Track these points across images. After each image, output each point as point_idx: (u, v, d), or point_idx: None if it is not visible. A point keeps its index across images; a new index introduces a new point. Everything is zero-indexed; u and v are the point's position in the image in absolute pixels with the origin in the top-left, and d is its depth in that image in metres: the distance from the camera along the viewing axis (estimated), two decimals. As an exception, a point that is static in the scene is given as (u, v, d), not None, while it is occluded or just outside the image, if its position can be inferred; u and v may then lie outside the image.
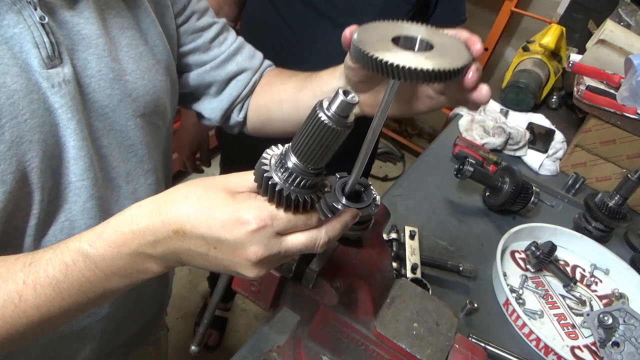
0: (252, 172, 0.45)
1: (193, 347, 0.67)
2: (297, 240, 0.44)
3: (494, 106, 1.56)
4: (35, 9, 0.50)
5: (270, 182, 0.42)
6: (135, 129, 0.65)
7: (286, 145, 0.43)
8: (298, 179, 0.42)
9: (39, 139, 0.52)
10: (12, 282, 0.45)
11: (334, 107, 0.38)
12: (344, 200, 0.56)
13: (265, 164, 0.43)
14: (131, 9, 0.64)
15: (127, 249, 0.44)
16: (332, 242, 0.47)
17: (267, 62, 0.87)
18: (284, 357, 0.68)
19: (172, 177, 0.86)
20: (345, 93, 0.38)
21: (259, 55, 0.86)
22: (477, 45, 0.50)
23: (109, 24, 0.60)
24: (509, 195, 1.13)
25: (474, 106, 0.56)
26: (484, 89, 0.53)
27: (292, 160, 0.41)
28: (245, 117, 0.85)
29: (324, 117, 0.38)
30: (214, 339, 2.03)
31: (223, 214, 0.42)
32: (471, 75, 0.50)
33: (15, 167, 0.51)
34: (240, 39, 0.84)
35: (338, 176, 0.57)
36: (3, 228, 0.53)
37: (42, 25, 0.51)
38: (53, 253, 0.46)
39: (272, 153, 0.44)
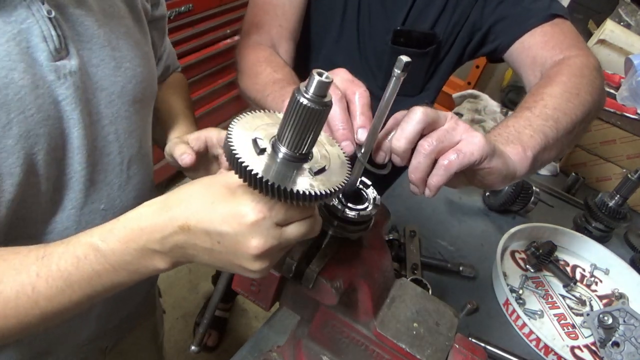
0: None
1: (193, 347, 0.67)
2: (296, 230, 0.45)
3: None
4: (43, 4, 0.52)
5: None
6: (136, 115, 0.68)
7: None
8: None
9: (45, 132, 0.54)
10: (25, 274, 0.47)
11: (311, 89, 0.39)
12: (343, 200, 0.56)
13: None
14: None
15: (135, 244, 0.46)
16: None
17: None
18: (284, 357, 0.68)
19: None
20: (319, 74, 0.39)
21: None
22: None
23: (107, 15, 0.63)
24: (509, 195, 1.13)
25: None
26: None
27: (282, 150, 0.42)
28: None
29: (304, 100, 0.39)
30: (213, 339, 2.03)
31: (223, 209, 0.44)
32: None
33: (22, 160, 0.53)
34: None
35: None
36: (11, 219, 0.56)
37: (50, 19, 0.53)
38: (65, 247, 0.48)
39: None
